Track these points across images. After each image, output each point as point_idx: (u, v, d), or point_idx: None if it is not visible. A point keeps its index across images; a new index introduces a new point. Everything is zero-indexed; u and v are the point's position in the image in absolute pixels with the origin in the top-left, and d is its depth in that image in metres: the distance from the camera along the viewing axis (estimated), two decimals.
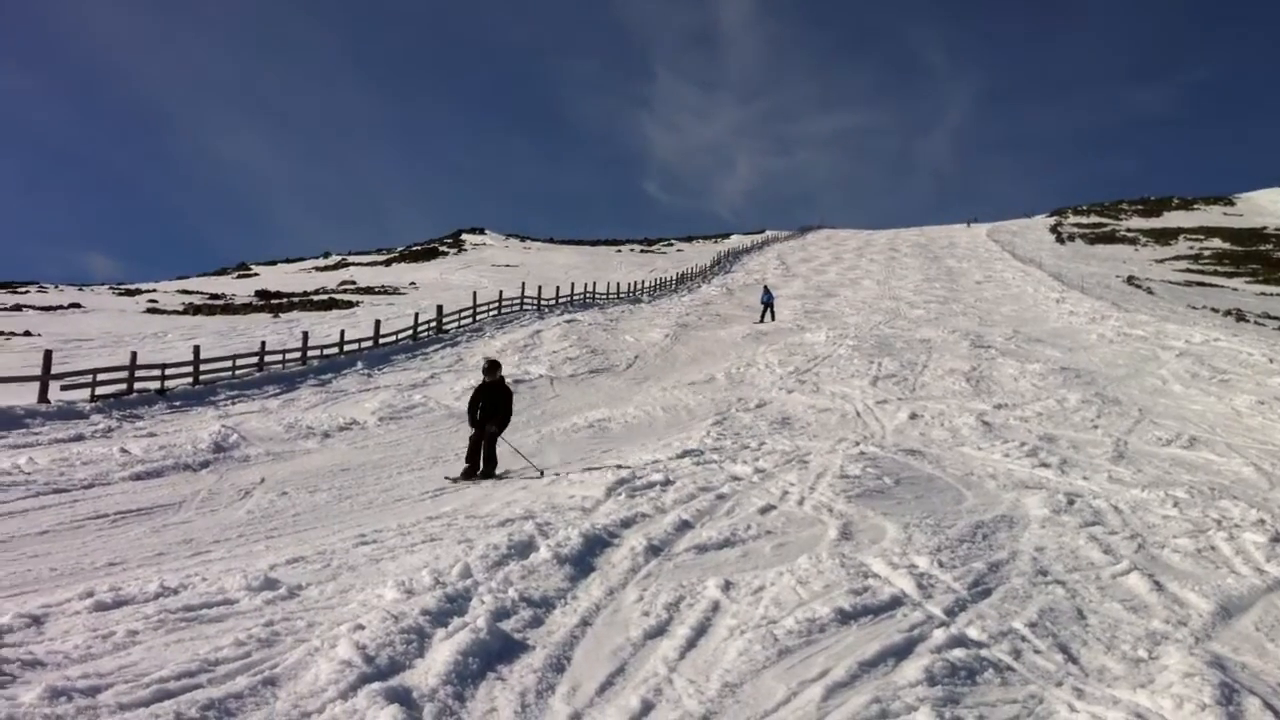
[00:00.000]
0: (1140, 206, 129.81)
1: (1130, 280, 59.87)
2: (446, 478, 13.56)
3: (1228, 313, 43.74)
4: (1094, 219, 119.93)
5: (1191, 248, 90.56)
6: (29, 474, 12.52)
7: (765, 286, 45.49)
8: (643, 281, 56.07)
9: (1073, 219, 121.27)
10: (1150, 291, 53.58)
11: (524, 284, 44.50)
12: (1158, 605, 7.97)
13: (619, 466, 13.15)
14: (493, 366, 14.40)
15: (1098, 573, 8.84)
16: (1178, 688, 6.14)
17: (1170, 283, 60.82)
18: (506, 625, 7.06)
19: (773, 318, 40.45)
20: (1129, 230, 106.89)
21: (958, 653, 6.63)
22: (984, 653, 6.72)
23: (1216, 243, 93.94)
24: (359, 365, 25.55)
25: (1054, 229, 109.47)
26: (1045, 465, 13.95)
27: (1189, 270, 72.82)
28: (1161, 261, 79.77)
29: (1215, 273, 71.22)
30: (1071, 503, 11.54)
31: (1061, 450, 15.25)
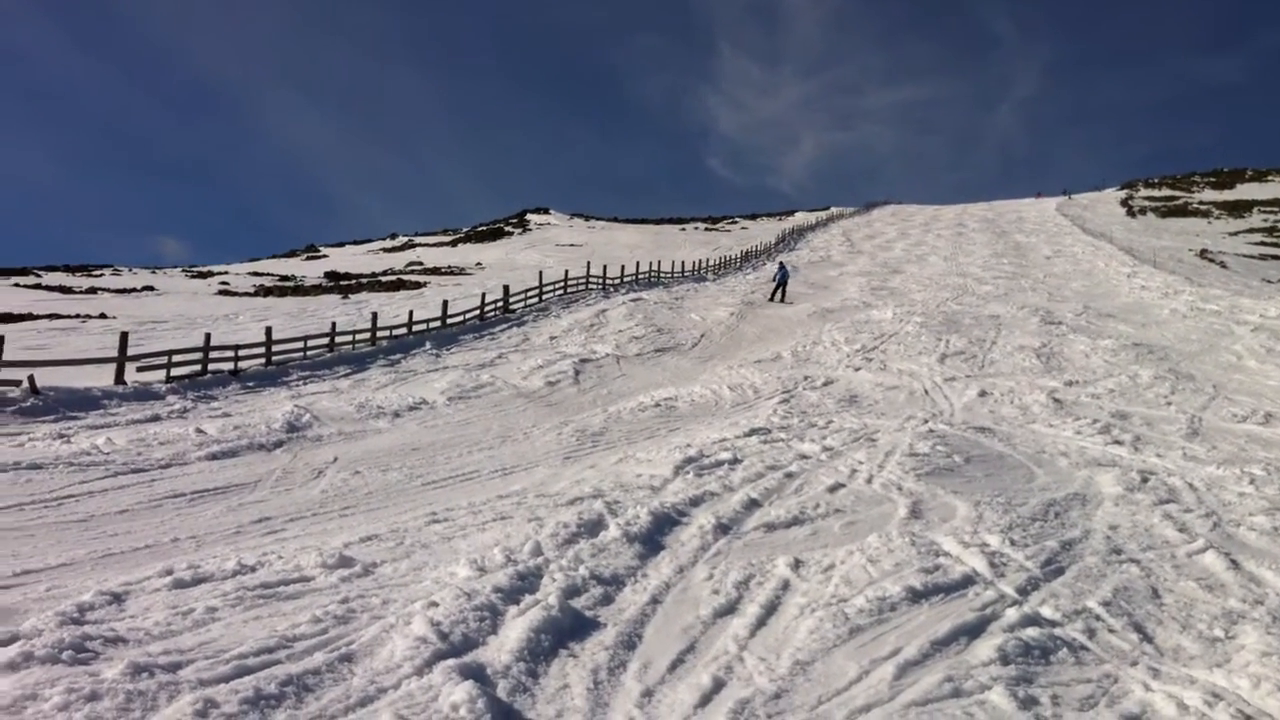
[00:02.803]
0: (1212, 178, 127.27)
1: (1203, 254, 58.81)
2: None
3: None
4: (1165, 192, 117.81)
5: (1266, 220, 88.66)
6: (108, 454, 12.75)
7: (780, 262, 43.31)
8: (707, 260, 55.88)
9: (1143, 192, 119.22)
10: (1224, 265, 52.61)
11: (589, 263, 44.53)
12: (1234, 584, 7.88)
13: (687, 445, 13.15)
14: None
15: (1173, 551, 8.74)
16: (1255, 667, 6.07)
17: (1244, 256, 59.64)
18: (578, 603, 7.12)
19: (783, 298, 37.46)
20: (1201, 203, 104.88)
21: (1031, 632, 6.60)
22: (1058, 632, 6.68)
23: None
24: (427, 345, 25.72)
25: (1124, 202, 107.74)
26: (1118, 443, 13.78)
27: (1263, 243, 71.33)
28: (1235, 234, 78.19)
29: None
30: (1145, 480, 11.41)
31: (1134, 427, 15.06)
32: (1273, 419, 15.93)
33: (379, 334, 25.69)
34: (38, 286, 43.37)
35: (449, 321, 28.90)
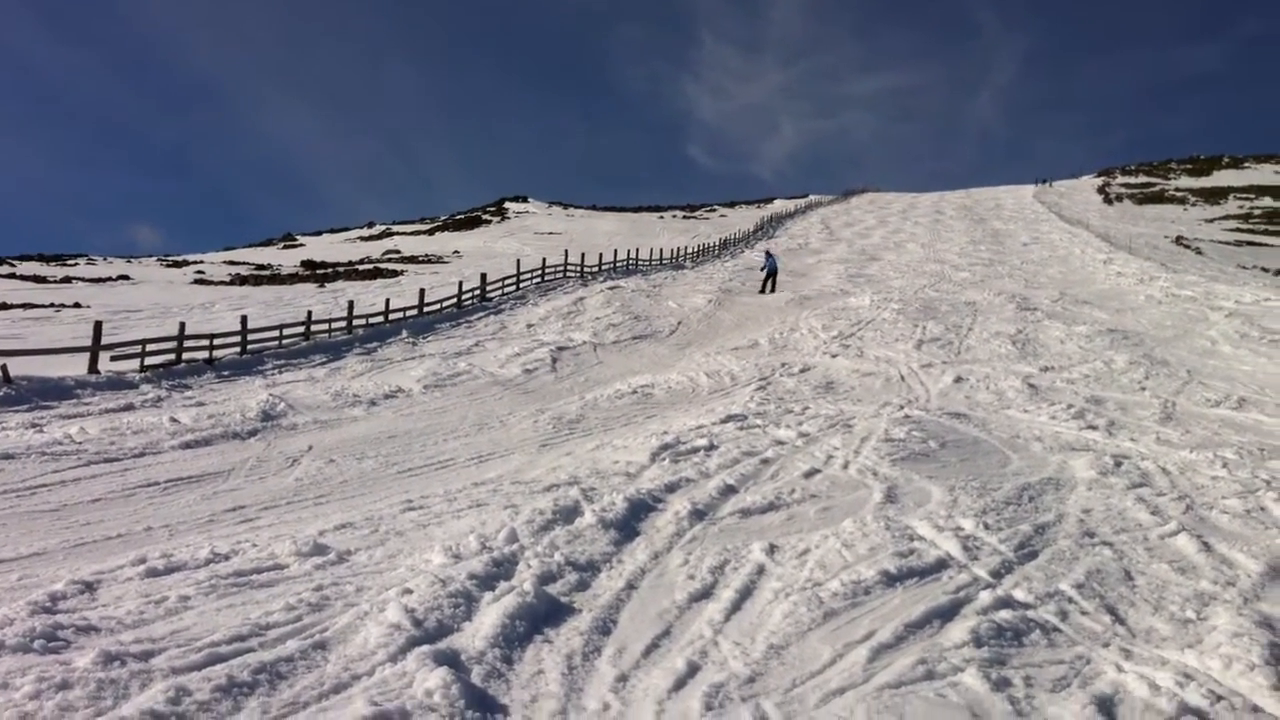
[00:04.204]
0: (1189, 166, 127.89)
1: (1179, 240, 59.10)
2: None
3: (1278, 272, 43.12)
4: (1142, 179, 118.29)
5: (1241, 207, 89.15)
6: (80, 443, 12.69)
7: (767, 251, 42.20)
8: (685, 247, 55.92)
9: (1120, 179, 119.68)
10: (1199, 251, 52.89)
11: (567, 251, 44.50)
12: (1206, 566, 7.92)
13: (664, 432, 13.16)
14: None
15: (1145, 534, 8.78)
16: (1226, 648, 6.10)
17: (1220, 242, 59.96)
18: (553, 589, 7.11)
19: (773, 289, 37.00)
20: (1178, 190, 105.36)
21: (1004, 614, 6.62)
22: (1030, 614, 6.70)
23: (1267, 201, 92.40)
24: (404, 334, 25.68)
25: (1101, 189, 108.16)
26: (1092, 427, 13.84)
27: (1239, 230, 71.71)
28: (1211, 221, 78.60)
29: (1266, 232, 70.12)
30: (1119, 464, 11.46)
31: (1109, 412, 15.13)
32: (1246, 404, 16.03)
33: (355, 322, 25.64)
34: (12, 276, 43.13)
35: (426, 310, 28.86)
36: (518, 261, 39.49)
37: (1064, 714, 5.38)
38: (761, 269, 38.77)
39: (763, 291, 36.98)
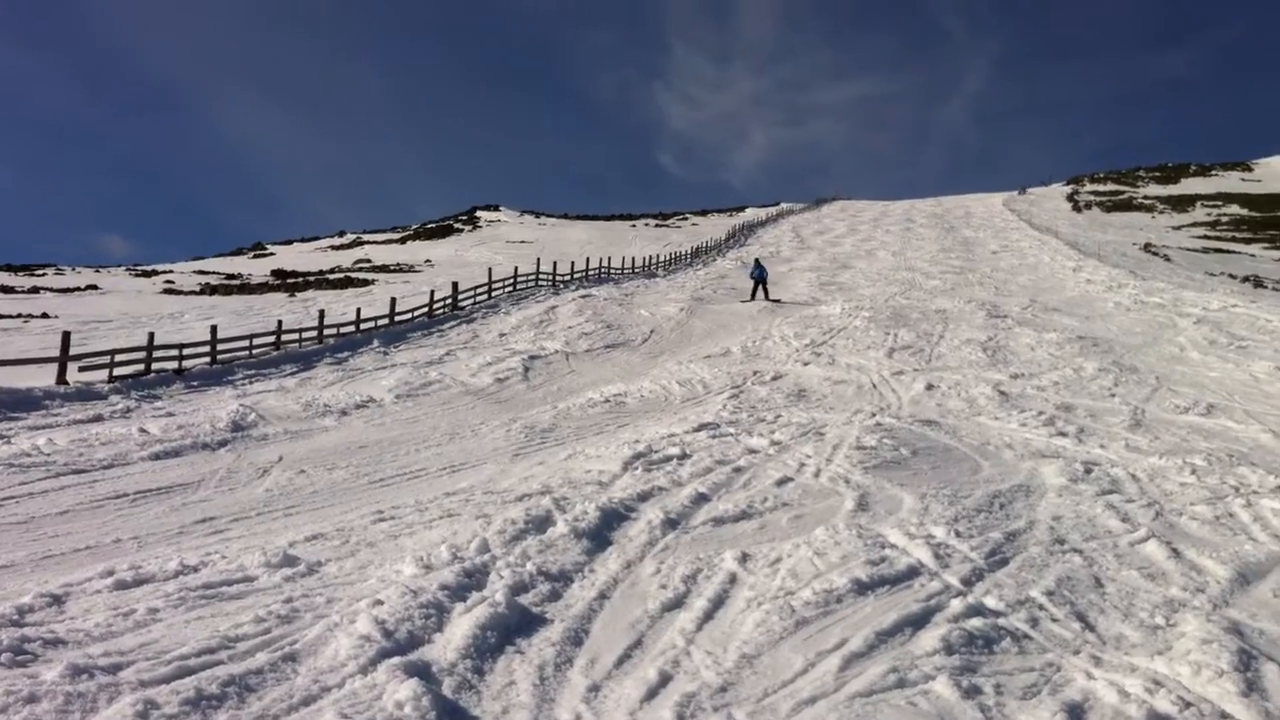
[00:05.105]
0: (1158, 173, 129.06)
1: (1147, 248, 59.57)
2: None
3: (1245, 279, 43.52)
4: (1111, 187, 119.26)
5: (1209, 214, 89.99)
6: (48, 455, 12.58)
7: (756, 260, 40.99)
8: (657, 256, 55.99)
9: (1090, 187, 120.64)
10: (1167, 259, 53.32)
11: (539, 260, 44.47)
12: (1175, 573, 7.97)
13: (636, 441, 13.15)
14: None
15: (1115, 541, 8.83)
16: (1195, 654, 6.14)
17: (1188, 250, 60.49)
18: (524, 599, 7.10)
19: (766, 296, 36.43)
20: (1146, 197, 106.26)
21: (975, 622, 6.64)
22: (1001, 622, 6.73)
23: (1234, 209, 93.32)
24: (375, 343, 25.59)
25: (1071, 197, 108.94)
26: (1062, 434, 13.91)
27: (1206, 237, 72.39)
28: (1179, 228, 79.32)
29: (1233, 239, 70.78)
30: (1089, 471, 11.52)
31: (1079, 419, 15.21)
32: (1214, 410, 16.14)
33: (326, 332, 25.54)
34: None
35: (397, 319, 28.78)
36: (489, 270, 39.42)
37: None
38: (752, 276, 38.28)
39: (753, 298, 36.68)
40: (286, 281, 48.60)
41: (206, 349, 21.34)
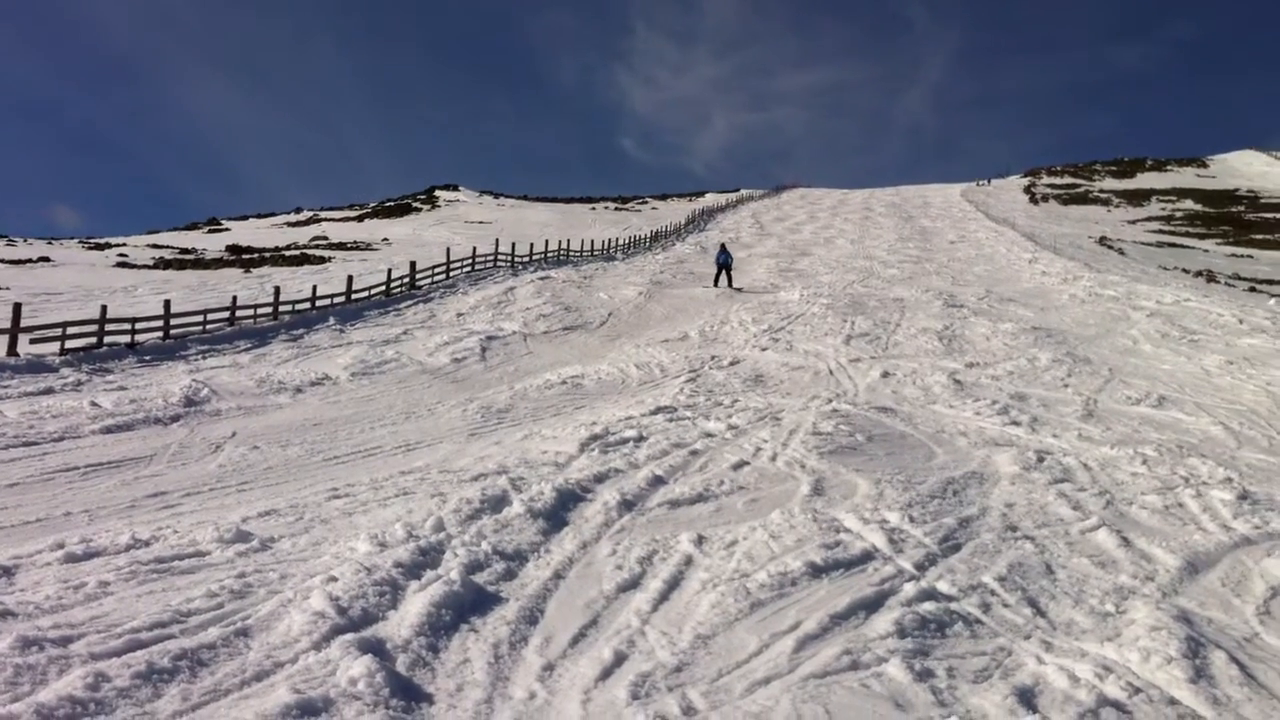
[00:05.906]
0: (1114, 168, 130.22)
1: (1102, 241, 60.09)
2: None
3: (1198, 274, 43.97)
4: (1068, 180, 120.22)
5: (1164, 209, 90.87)
6: None
7: (722, 245, 40.52)
8: (617, 239, 55.90)
9: (1046, 179, 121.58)
10: (1122, 252, 53.79)
11: (498, 241, 44.28)
12: (1125, 561, 8.06)
13: (593, 423, 13.14)
14: None
15: (1066, 529, 8.92)
16: (1144, 641, 6.22)
17: (1142, 244, 61.04)
18: (480, 578, 7.09)
19: (730, 284, 36.10)
20: (1102, 191, 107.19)
21: (928, 606, 6.70)
22: (954, 606, 6.79)
23: (1189, 204, 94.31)
24: (331, 321, 25.42)
25: (1028, 189, 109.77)
26: (1016, 423, 14.02)
27: (1161, 231, 73.10)
28: (1134, 223, 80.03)
29: (1187, 234, 71.51)
30: (1041, 460, 11.62)
31: (1032, 408, 15.33)
32: (1166, 402, 16.32)
33: (282, 309, 25.34)
34: None
35: (354, 297, 28.60)
36: (448, 250, 39.21)
37: (985, 705, 5.45)
38: (717, 261, 37.83)
39: (715, 284, 36.48)
40: (242, 257, 48.16)
41: (160, 323, 21.12)
